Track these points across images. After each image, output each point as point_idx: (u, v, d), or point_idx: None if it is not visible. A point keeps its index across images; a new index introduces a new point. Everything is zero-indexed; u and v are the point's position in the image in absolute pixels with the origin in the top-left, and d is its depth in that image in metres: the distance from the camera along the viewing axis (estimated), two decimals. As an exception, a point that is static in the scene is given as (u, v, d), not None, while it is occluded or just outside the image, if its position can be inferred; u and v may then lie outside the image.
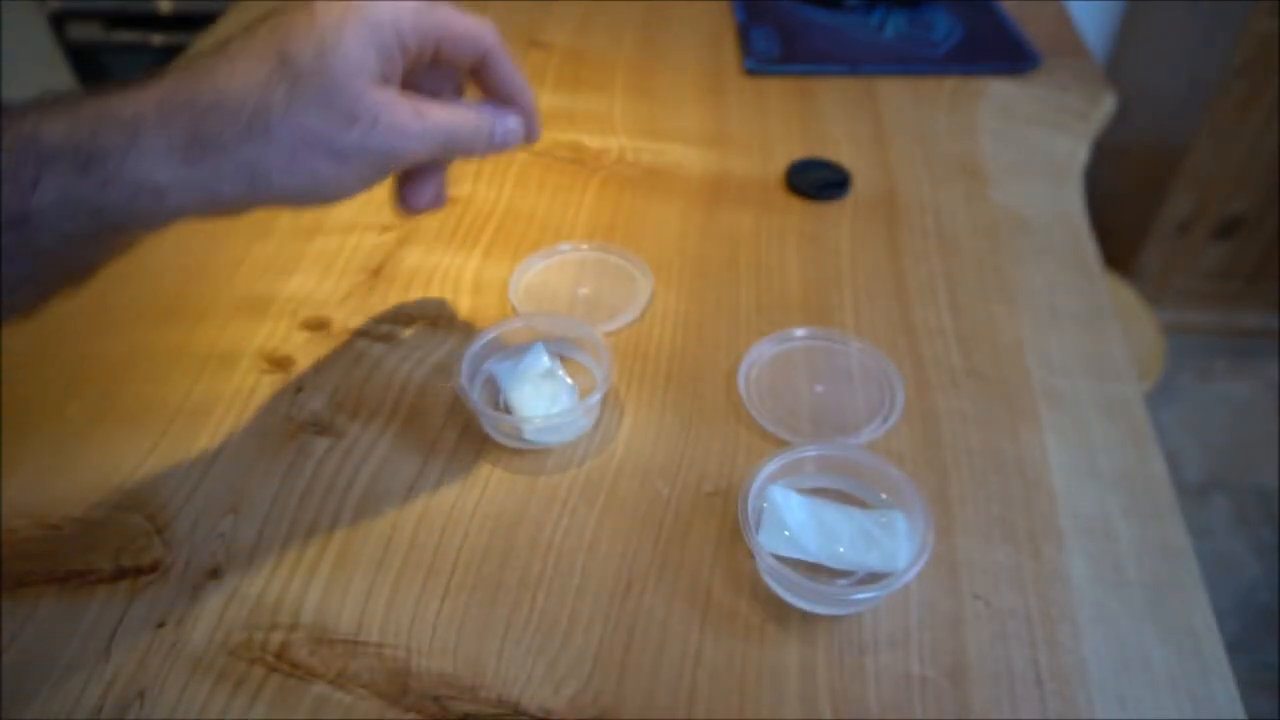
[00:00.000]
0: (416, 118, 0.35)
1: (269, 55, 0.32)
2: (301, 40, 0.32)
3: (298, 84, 0.32)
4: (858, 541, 0.38)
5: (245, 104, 0.31)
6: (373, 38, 0.33)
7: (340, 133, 0.33)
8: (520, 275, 0.54)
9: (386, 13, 0.34)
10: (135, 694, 0.35)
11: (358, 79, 0.33)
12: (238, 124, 0.31)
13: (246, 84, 0.32)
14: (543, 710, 0.34)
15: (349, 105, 0.33)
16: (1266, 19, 1.34)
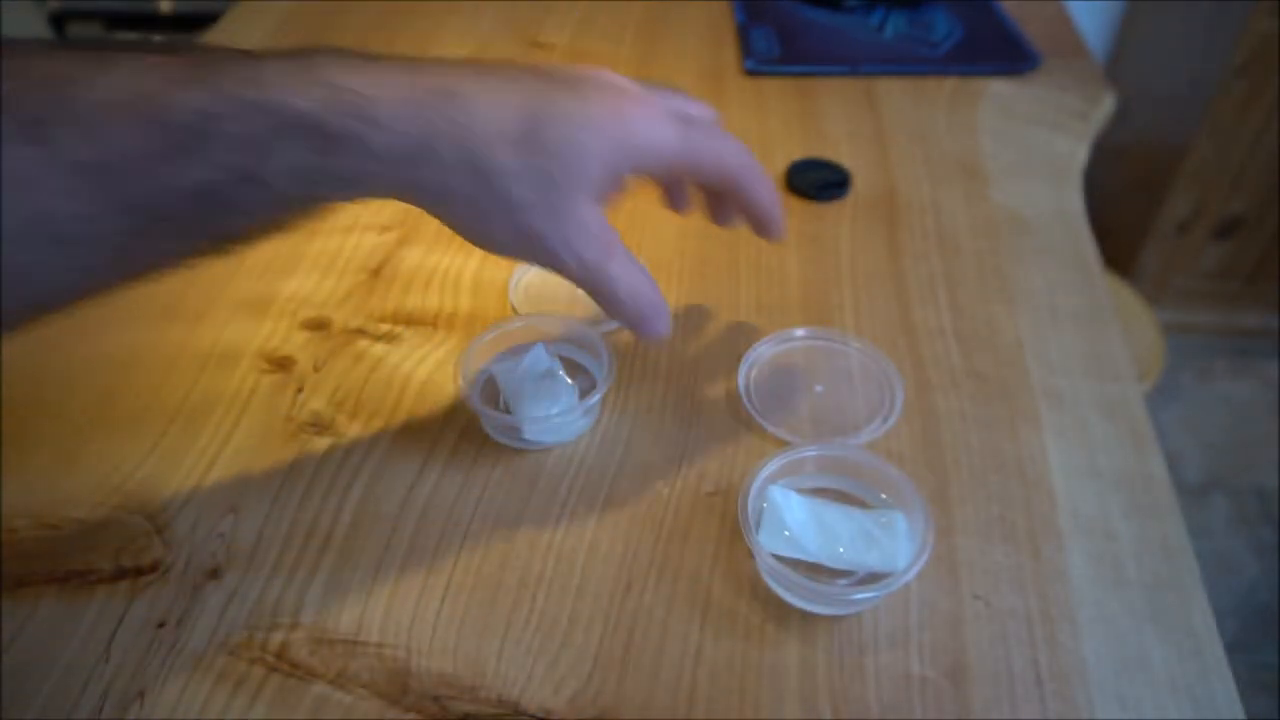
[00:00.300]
0: (604, 254, 0.36)
1: (523, 113, 0.33)
2: (560, 124, 0.33)
3: (531, 157, 0.33)
4: (858, 541, 0.38)
5: (478, 147, 0.32)
6: (616, 158, 0.34)
7: (532, 211, 0.34)
8: (520, 275, 0.54)
9: (645, 142, 0.35)
10: (135, 694, 0.35)
11: (582, 191, 0.34)
12: (462, 160, 0.32)
13: (488, 127, 0.32)
14: (543, 710, 0.34)
15: (558, 203, 0.34)
16: (1266, 19, 1.34)
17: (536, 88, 0.34)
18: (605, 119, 0.34)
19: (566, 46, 0.78)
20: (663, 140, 0.36)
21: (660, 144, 0.36)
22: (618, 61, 0.76)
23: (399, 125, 0.31)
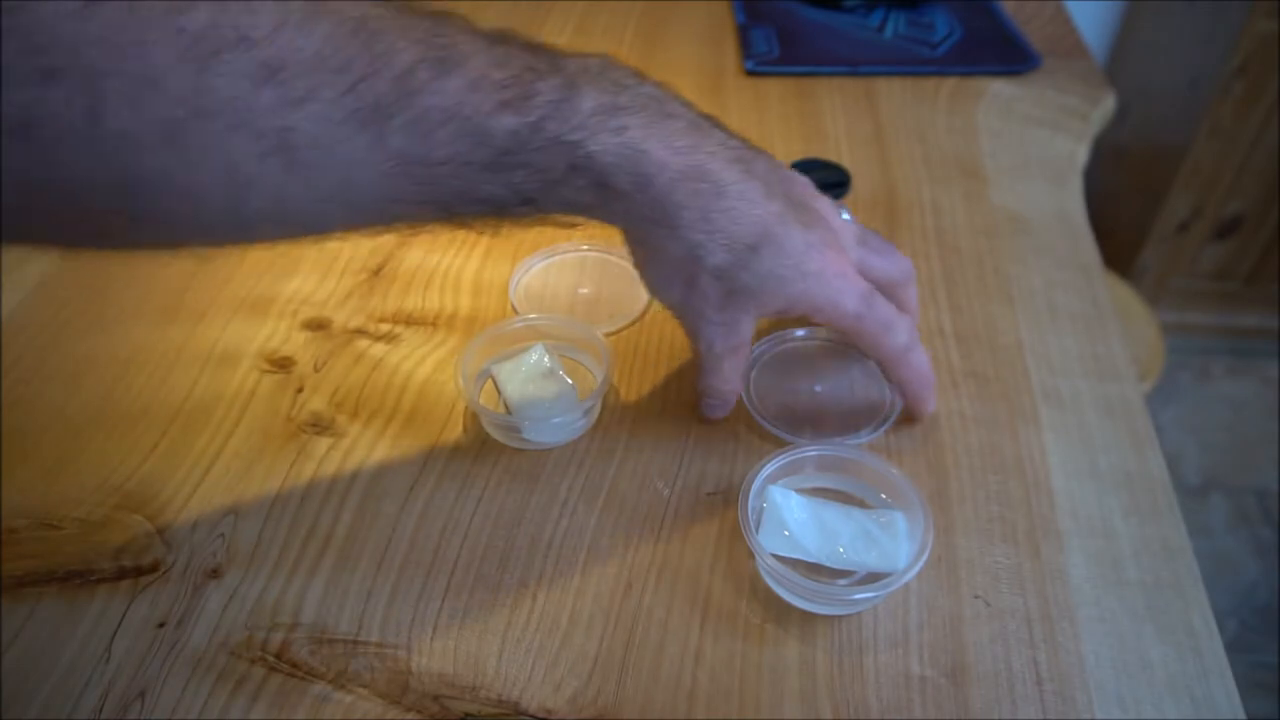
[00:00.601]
0: (732, 355, 0.41)
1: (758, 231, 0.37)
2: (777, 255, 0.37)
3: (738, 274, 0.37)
4: (858, 541, 0.38)
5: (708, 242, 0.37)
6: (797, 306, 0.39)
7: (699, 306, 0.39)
8: (520, 275, 0.54)
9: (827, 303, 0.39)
10: (136, 694, 0.35)
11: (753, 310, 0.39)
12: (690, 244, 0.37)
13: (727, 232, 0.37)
14: (543, 710, 0.34)
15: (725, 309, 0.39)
16: (1266, 19, 1.34)
17: (780, 210, 0.37)
18: (810, 266, 0.38)
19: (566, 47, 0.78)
20: (842, 310, 0.39)
21: (838, 311, 0.40)
22: (618, 61, 0.76)
23: (663, 189, 0.35)
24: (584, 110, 0.33)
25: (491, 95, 0.32)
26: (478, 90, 0.31)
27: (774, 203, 0.37)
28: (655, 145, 0.34)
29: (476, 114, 0.31)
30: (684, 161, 0.35)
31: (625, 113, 0.34)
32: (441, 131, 0.31)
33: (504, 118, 0.32)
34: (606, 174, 0.34)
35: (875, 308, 0.40)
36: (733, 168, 0.36)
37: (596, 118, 0.33)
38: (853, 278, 0.40)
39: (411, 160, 0.31)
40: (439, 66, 0.31)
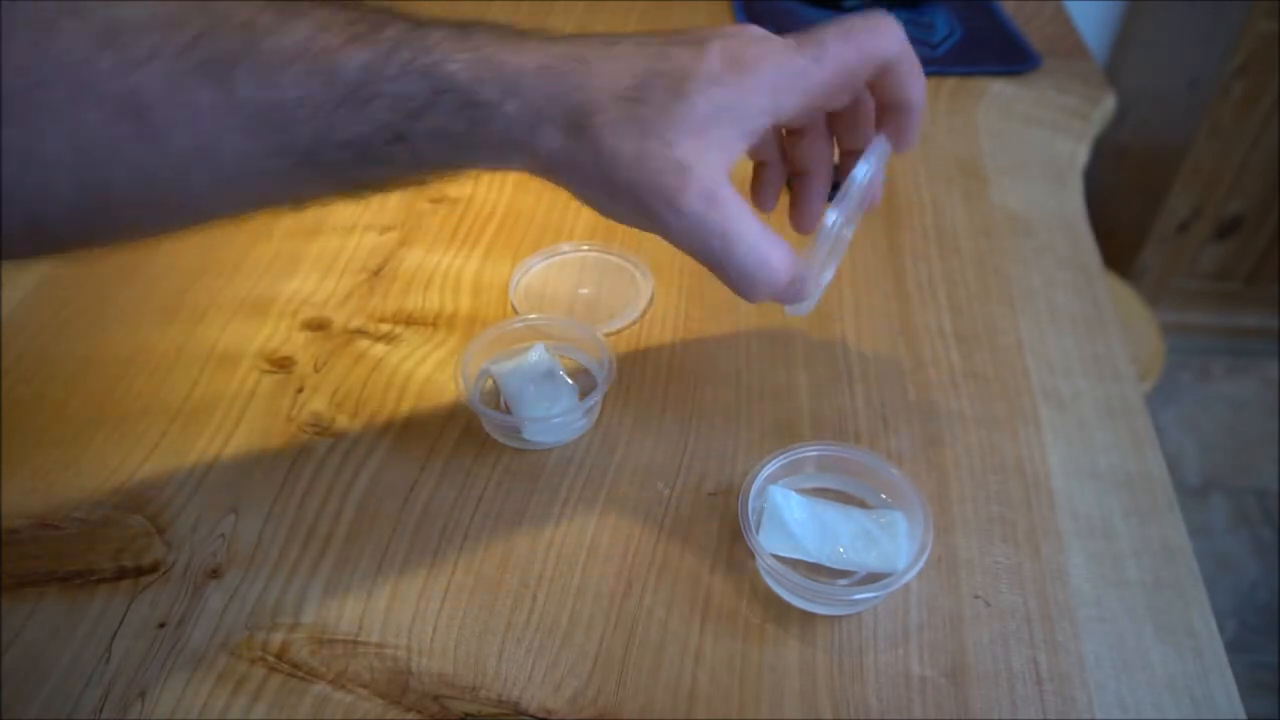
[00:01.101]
0: (702, 199, 0.33)
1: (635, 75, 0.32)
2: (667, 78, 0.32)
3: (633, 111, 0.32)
4: (858, 541, 0.38)
5: (585, 104, 0.32)
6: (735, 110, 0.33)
7: (625, 164, 0.33)
8: (520, 275, 0.54)
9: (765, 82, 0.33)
10: (136, 694, 0.35)
11: (683, 135, 0.32)
12: (568, 118, 0.32)
13: (601, 88, 0.32)
14: (543, 710, 0.34)
15: (651, 149, 0.32)
16: (1266, 19, 1.34)
17: (659, 48, 0.33)
18: (719, 69, 0.32)
19: (566, 47, 0.78)
20: (795, 70, 0.33)
21: (793, 78, 0.33)
22: (618, 62, 0.76)
23: (530, 93, 0.32)
24: (434, 37, 0.32)
25: (339, 33, 0.31)
26: (325, 30, 0.30)
27: (648, 46, 0.34)
28: (512, 54, 0.32)
29: (325, 51, 0.30)
30: (544, 56, 0.33)
31: (476, 34, 0.33)
32: (289, 73, 0.30)
33: (354, 51, 0.31)
34: (471, 89, 0.32)
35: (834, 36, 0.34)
36: (591, 42, 0.34)
37: (448, 41, 0.32)
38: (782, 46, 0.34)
39: (263, 107, 0.30)
40: (282, 14, 0.30)
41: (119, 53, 0.28)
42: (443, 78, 0.31)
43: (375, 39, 0.31)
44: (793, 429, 0.45)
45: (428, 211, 0.59)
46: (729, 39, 0.33)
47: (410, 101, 0.31)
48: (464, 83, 0.32)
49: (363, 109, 0.31)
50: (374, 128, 0.31)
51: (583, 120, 0.32)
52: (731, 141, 0.33)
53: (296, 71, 0.30)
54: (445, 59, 0.32)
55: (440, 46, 0.32)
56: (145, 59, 0.28)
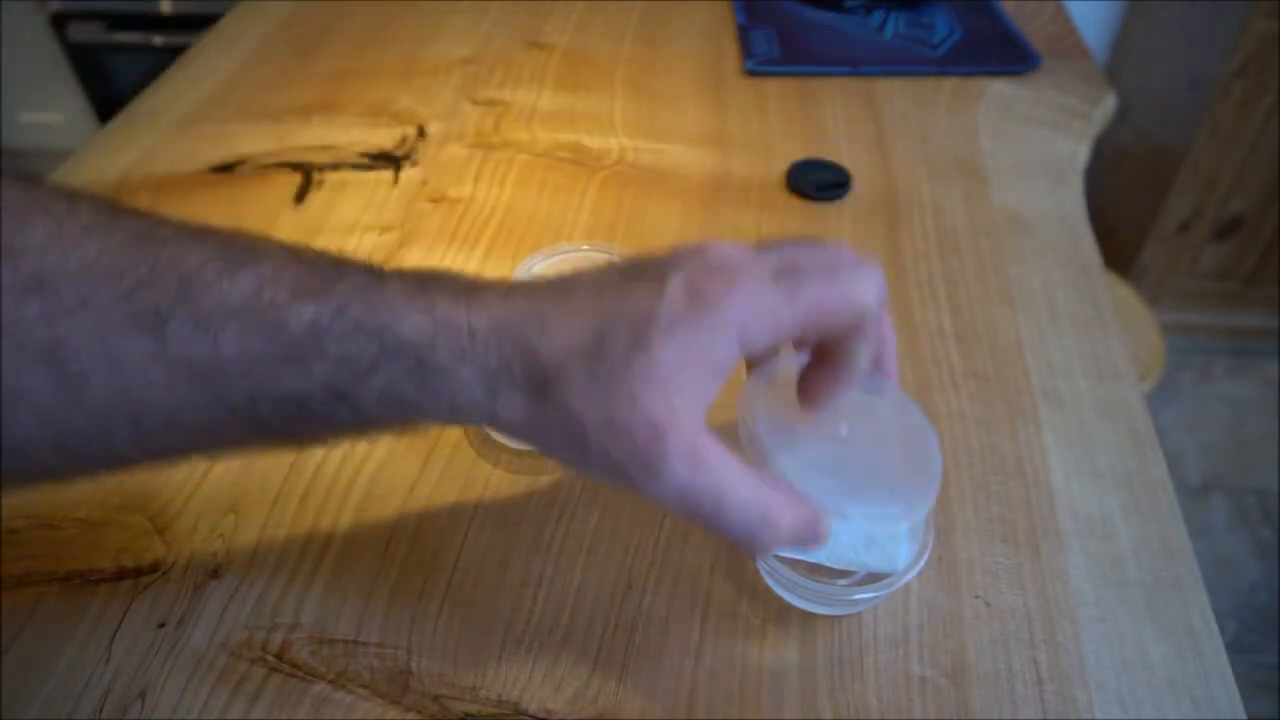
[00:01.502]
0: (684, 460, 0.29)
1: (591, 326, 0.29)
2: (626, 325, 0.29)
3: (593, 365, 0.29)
4: (858, 542, 0.38)
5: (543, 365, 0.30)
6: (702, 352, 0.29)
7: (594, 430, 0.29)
8: (520, 276, 0.53)
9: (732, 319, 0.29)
10: (136, 694, 0.35)
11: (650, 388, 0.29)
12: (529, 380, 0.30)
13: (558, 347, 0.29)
14: (543, 710, 0.34)
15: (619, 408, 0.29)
16: (1266, 19, 1.34)
17: (616, 291, 0.30)
18: (682, 310, 0.29)
19: (566, 47, 0.78)
20: (764, 310, 0.30)
21: (760, 316, 0.30)
22: (617, 61, 0.76)
23: (485, 357, 0.30)
24: (389, 292, 0.30)
25: (288, 286, 0.29)
26: (273, 284, 0.28)
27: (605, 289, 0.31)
28: (466, 311, 0.30)
29: (270, 306, 0.28)
30: (501, 311, 0.30)
31: (432, 289, 0.30)
32: (229, 328, 0.28)
33: (301, 306, 0.28)
34: (422, 352, 0.29)
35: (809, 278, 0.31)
36: (548, 292, 0.31)
37: (403, 297, 0.30)
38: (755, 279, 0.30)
39: (197, 362, 0.28)
40: (229, 264, 0.28)
41: (46, 300, 0.26)
42: (393, 338, 0.29)
43: (326, 293, 0.29)
44: (793, 429, 0.45)
45: (428, 211, 0.59)
46: (692, 268, 0.30)
47: (357, 361, 0.29)
48: (415, 344, 0.29)
49: (305, 366, 0.29)
50: (316, 386, 0.29)
51: (544, 384, 0.30)
52: (702, 385, 0.30)
53: (236, 327, 0.28)
54: (397, 318, 0.29)
55: (393, 305, 0.30)
56: (74, 308, 0.26)
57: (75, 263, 0.27)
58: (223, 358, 0.28)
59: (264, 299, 0.28)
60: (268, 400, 0.29)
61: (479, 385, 0.30)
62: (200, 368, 0.28)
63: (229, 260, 0.28)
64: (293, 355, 0.29)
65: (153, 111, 0.69)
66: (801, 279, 0.31)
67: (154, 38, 1.75)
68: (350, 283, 0.30)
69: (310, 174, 0.62)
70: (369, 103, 0.70)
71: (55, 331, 0.26)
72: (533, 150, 0.65)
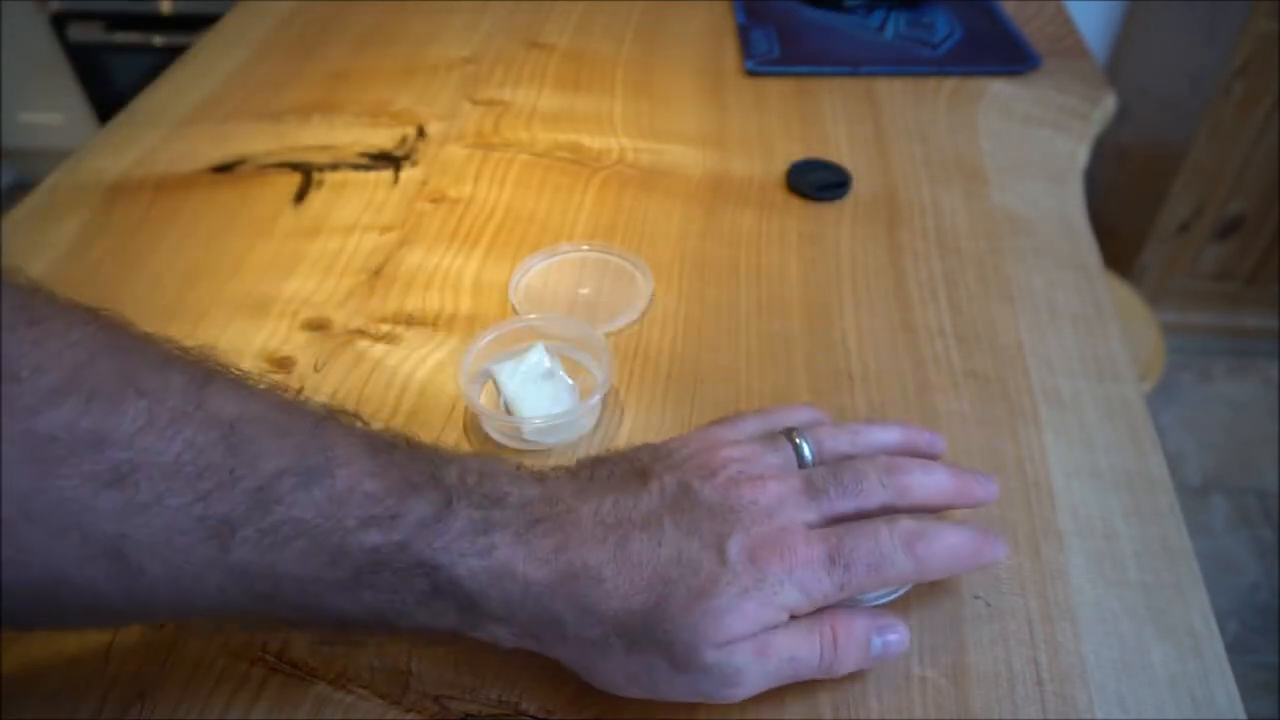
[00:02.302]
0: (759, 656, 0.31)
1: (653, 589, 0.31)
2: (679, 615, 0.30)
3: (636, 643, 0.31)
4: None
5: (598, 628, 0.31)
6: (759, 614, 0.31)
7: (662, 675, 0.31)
8: (520, 275, 0.54)
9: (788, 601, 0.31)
10: (136, 694, 0.35)
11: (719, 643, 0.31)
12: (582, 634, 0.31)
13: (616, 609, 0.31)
14: (543, 710, 0.34)
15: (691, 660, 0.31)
16: (1266, 19, 1.34)
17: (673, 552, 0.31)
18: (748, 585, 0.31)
19: (566, 47, 0.78)
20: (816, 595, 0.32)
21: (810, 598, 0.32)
22: (617, 61, 0.76)
23: (536, 605, 0.31)
24: (454, 529, 0.30)
25: (358, 510, 0.29)
26: (344, 505, 0.29)
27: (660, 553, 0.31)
28: (522, 562, 0.31)
29: (338, 529, 0.29)
30: (553, 570, 0.31)
31: (496, 529, 0.31)
32: (294, 545, 0.28)
33: (368, 534, 0.29)
34: (473, 598, 0.30)
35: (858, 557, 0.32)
36: (605, 545, 0.31)
37: (465, 538, 0.30)
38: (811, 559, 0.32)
39: (254, 574, 0.28)
40: (305, 476, 0.28)
41: (122, 495, 0.26)
42: (447, 579, 0.30)
43: (393, 524, 0.29)
44: (793, 429, 0.45)
45: (428, 211, 0.59)
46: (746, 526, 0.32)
47: (408, 595, 0.30)
48: (468, 591, 0.30)
49: (357, 593, 0.30)
50: (362, 609, 0.30)
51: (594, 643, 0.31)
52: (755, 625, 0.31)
53: (301, 546, 0.28)
54: (455, 561, 0.30)
55: (456, 545, 0.30)
56: (147, 505, 0.26)
57: (162, 456, 0.26)
58: (280, 575, 0.28)
59: (332, 520, 0.29)
60: (312, 617, 0.30)
61: (530, 629, 0.31)
62: (257, 579, 0.28)
63: (305, 470, 0.28)
64: (348, 583, 0.29)
65: (153, 111, 0.69)
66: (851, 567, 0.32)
67: (154, 38, 1.75)
68: (418, 514, 0.30)
69: (310, 174, 0.62)
70: (369, 103, 0.70)
71: (123, 528, 0.26)
72: (532, 150, 0.65)
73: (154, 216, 0.59)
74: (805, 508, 0.33)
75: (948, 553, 0.34)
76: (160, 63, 0.79)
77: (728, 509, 0.32)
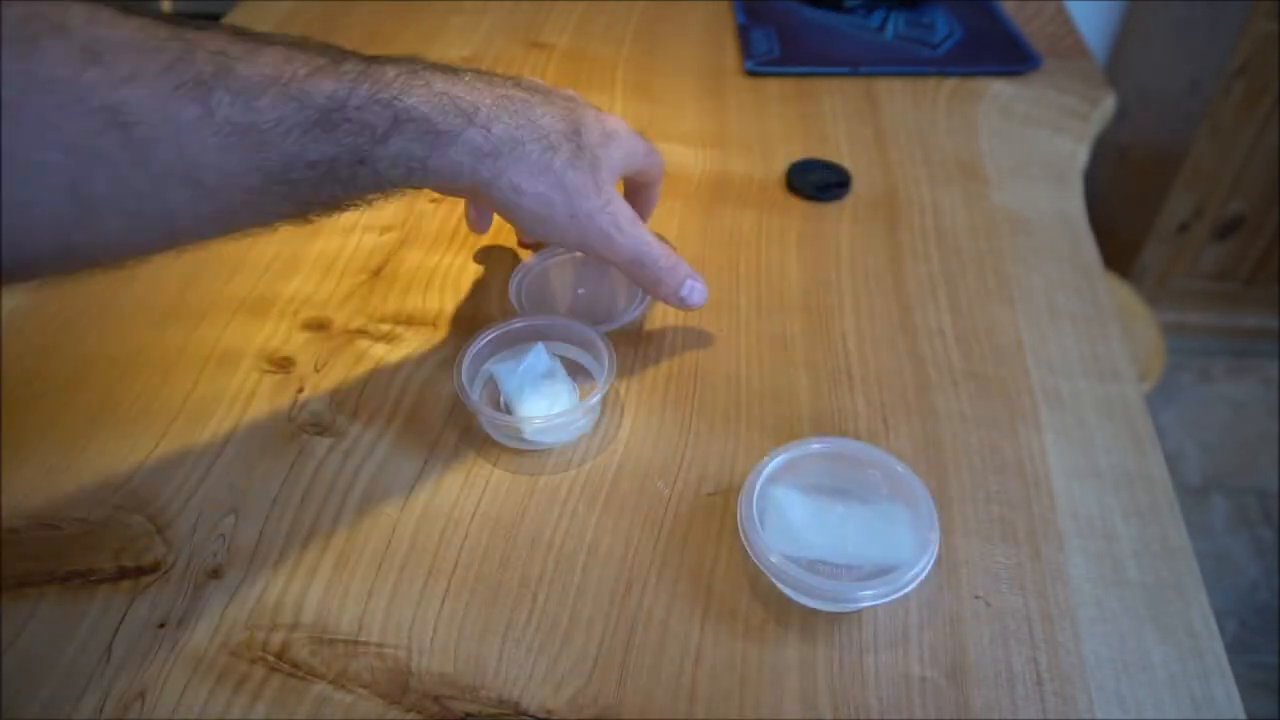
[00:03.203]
0: (632, 223, 0.44)
1: (569, 123, 0.42)
2: (591, 131, 0.43)
3: (579, 151, 0.42)
4: (861, 537, 0.38)
5: (544, 139, 0.41)
6: (623, 159, 0.45)
7: (583, 197, 0.42)
8: (520, 275, 0.54)
9: (635, 146, 0.46)
10: (136, 694, 0.35)
11: (610, 174, 0.44)
12: (534, 153, 0.40)
13: (550, 128, 0.41)
14: (543, 710, 0.34)
15: (600, 183, 0.43)
16: (1266, 19, 1.34)
17: (569, 103, 0.43)
18: (614, 128, 0.45)
19: (566, 47, 0.78)
20: (642, 149, 0.47)
21: (641, 152, 0.47)
22: (617, 61, 0.76)
23: (493, 125, 0.39)
24: (389, 75, 0.36)
25: (304, 65, 0.34)
26: (290, 61, 0.34)
27: (556, 99, 0.43)
28: (461, 89, 0.38)
29: (294, 79, 0.34)
30: (490, 94, 0.39)
31: (426, 73, 0.38)
32: (264, 97, 0.33)
33: (320, 81, 0.34)
34: (431, 118, 0.37)
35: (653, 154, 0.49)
36: (516, 87, 0.41)
37: (401, 79, 0.37)
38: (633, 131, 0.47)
39: (241, 127, 0.32)
40: (249, 44, 0.33)
41: (103, 69, 0.29)
42: (404, 108, 0.36)
43: (337, 71, 0.35)
44: (792, 429, 0.45)
45: (428, 211, 0.59)
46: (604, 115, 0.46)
47: (375, 129, 0.36)
48: (425, 113, 0.37)
49: (332, 133, 0.34)
50: (340, 150, 0.35)
51: (549, 151, 0.41)
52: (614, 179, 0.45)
53: (270, 97, 0.33)
54: (404, 92, 0.36)
55: (397, 81, 0.37)
56: (128, 77, 0.30)
57: (119, 38, 0.30)
58: (262, 124, 0.33)
59: (287, 73, 0.34)
60: (300, 164, 0.34)
61: (483, 147, 0.39)
62: (244, 132, 0.32)
63: (247, 42, 0.33)
64: (320, 122, 0.34)
65: (153, 111, 0.69)
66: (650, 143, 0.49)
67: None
68: (354, 63, 0.36)
69: (310, 174, 0.62)
70: (369, 103, 0.70)
71: (115, 97, 0.29)
72: (533, 150, 0.65)
73: (154, 216, 0.59)
74: None
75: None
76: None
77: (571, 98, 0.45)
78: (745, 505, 0.38)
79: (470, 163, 0.39)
